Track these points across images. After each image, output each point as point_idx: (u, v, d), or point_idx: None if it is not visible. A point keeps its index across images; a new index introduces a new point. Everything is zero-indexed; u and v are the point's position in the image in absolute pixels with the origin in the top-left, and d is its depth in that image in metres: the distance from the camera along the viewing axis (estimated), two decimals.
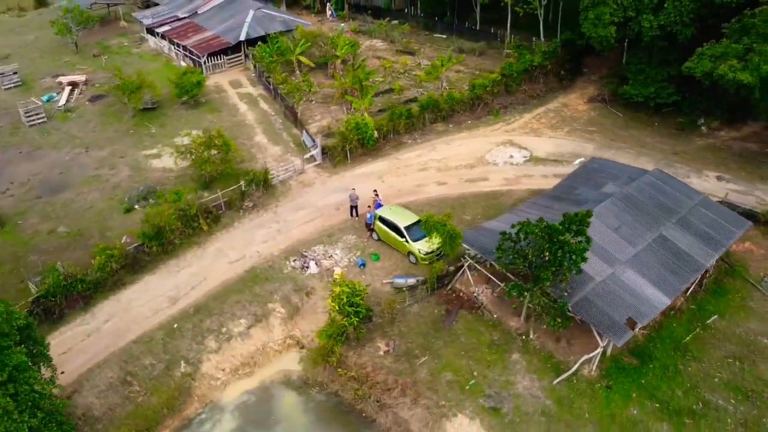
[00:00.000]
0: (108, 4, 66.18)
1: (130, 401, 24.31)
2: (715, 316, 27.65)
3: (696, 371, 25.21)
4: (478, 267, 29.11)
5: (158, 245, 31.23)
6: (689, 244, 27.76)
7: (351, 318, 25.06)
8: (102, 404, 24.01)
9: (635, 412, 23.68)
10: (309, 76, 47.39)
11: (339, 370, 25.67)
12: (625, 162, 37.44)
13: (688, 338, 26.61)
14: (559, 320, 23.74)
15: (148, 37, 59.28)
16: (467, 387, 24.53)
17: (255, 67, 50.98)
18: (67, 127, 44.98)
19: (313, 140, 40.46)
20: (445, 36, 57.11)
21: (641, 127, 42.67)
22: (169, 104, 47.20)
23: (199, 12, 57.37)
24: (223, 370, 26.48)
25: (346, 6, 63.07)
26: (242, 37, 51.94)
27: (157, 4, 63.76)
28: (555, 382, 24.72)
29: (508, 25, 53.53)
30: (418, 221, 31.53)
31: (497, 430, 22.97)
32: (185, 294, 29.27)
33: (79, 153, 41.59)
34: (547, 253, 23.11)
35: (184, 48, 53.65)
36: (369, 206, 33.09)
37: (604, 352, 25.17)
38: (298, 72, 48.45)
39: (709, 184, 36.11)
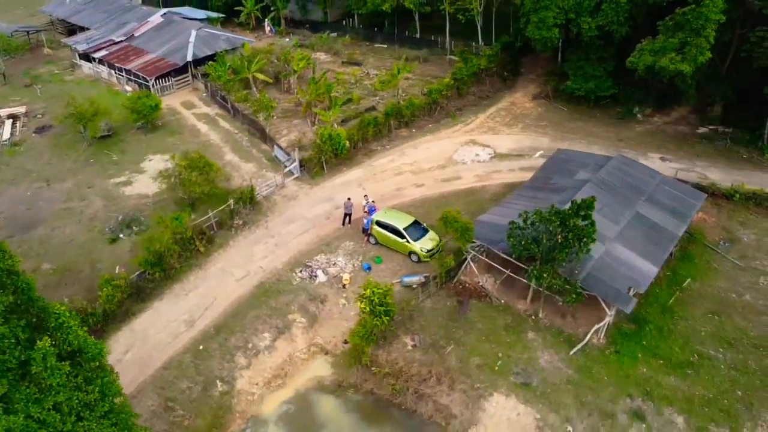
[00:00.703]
0: (28, 32, 62.97)
1: (177, 426, 24.28)
2: (689, 280, 31.18)
3: (685, 328, 28.46)
4: (480, 257, 31.16)
5: (161, 271, 30.98)
6: (661, 218, 31.26)
7: (382, 317, 26.31)
8: None
9: (644, 370, 26.49)
10: (265, 93, 47.90)
11: (373, 368, 26.83)
12: (580, 148, 41.23)
13: (671, 301, 29.89)
14: (575, 296, 26.20)
15: (82, 63, 57.17)
16: (496, 368, 26.45)
17: (207, 86, 50.71)
18: (19, 162, 42.96)
19: (288, 155, 41.15)
20: (386, 45, 59.23)
21: (585, 119, 46.64)
22: (124, 130, 46.12)
23: (135, 35, 56.09)
24: (257, 384, 26.87)
25: (283, 21, 63.72)
26: (189, 58, 51.51)
27: (83, 29, 61.42)
28: (571, 353, 27.14)
29: (447, 32, 56.44)
30: (415, 222, 33.35)
31: (532, 403, 25.00)
32: (200, 316, 29.30)
33: (41, 187, 39.94)
34: (560, 237, 25.50)
35: (127, 72, 52.38)
36: (365, 211, 34.33)
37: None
38: (254, 89, 48.78)
39: (655, 165, 40.10)
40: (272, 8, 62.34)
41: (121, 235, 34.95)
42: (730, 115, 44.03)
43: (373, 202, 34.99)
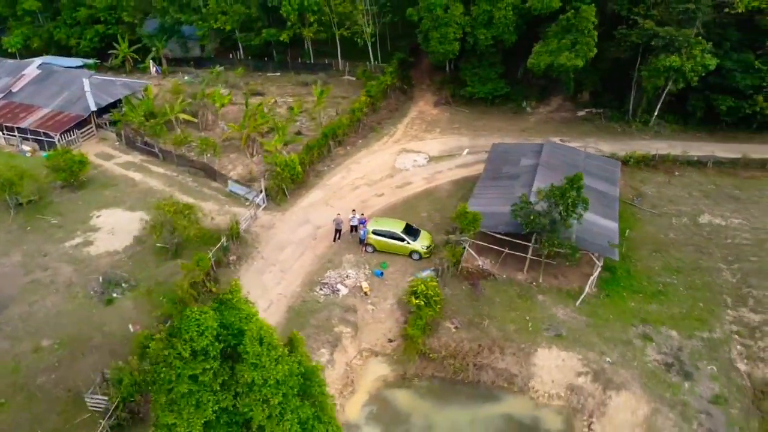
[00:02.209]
0: None
1: None
2: (628, 230, 38.74)
3: (643, 267, 35.67)
4: (473, 242, 35.67)
5: (178, 319, 30.75)
6: (601, 186, 38.42)
7: (434, 307, 29.57)
8: None
9: (632, 304, 33.04)
10: (188, 131, 47.74)
11: (432, 354, 29.94)
12: (497, 142, 47.78)
13: (624, 249, 37.08)
14: (577, 255, 31.87)
15: None
16: (530, 328, 31.14)
17: (120, 134, 48.71)
18: None
19: (248, 188, 41.96)
20: (279, 74, 61.15)
21: (488, 117, 53.49)
22: (46, 192, 42.82)
23: (14, 90, 51.46)
24: (333, 396, 28.44)
25: (164, 60, 62.32)
26: (93, 107, 48.97)
27: None
28: (577, 304, 32.80)
29: (339, 54, 60.19)
30: (407, 225, 36.86)
31: (570, 348, 30.04)
32: None
33: None
34: (562, 208, 30.93)
35: (21, 131, 48.20)
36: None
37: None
38: (178, 129, 48.15)
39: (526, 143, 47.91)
40: (153, 48, 60.72)
41: (114, 295, 33.52)
42: (597, 99, 53.78)
43: (362, 215, 37.74)
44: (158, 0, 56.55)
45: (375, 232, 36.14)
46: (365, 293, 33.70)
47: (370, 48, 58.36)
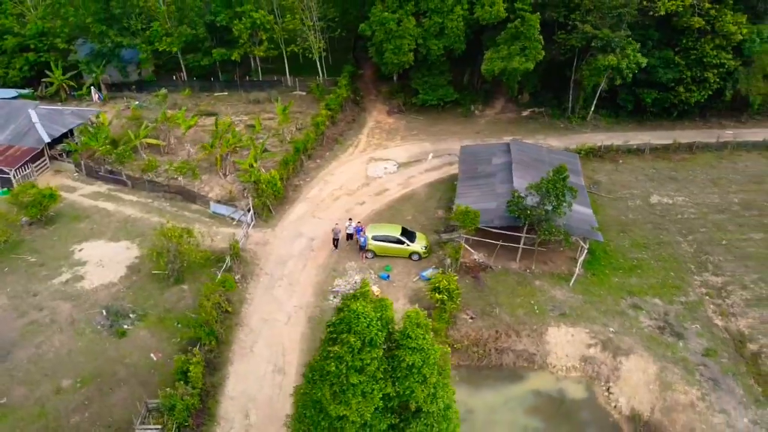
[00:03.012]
0: None
1: None
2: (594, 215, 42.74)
3: (616, 246, 39.63)
4: (467, 238, 38.15)
5: (215, 339, 30.95)
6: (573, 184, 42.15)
7: (456, 300, 31.66)
8: None
9: (616, 279, 36.82)
10: (155, 157, 46.96)
11: (456, 345, 31.96)
12: (456, 145, 50.88)
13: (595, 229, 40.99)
14: (570, 240, 35.13)
15: None
16: (536, 311, 33.95)
17: (80, 164, 46.92)
18: None
19: (234, 207, 42.07)
20: (226, 93, 60.94)
21: (441, 123, 56.42)
22: (13, 230, 40.61)
23: None
24: None
25: (103, 87, 60.13)
26: (47, 139, 46.82)
27: None
28: (571, 284, 36.08)
29: (287, 71, 61.00)
30: (404, 228, 38.71)
31: (576, 324, 33.11)
32: (284, 362, 30.57)
33: None
34: (553, 198, 34.02)
35: None
36: (365, 231, 38.25)
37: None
38: (143, 155, 47.15)
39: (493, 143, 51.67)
40: (91, 74, 58.44)
41: (125, 327, 32.84)
42: (537, 99, 58.27)
43: (359, 223, 39.15)
44: (96, 25, 54.76)
45: (375, 238, 37.67)
46: (377, 296, 35.07)
47: (318, 63, 59.61)
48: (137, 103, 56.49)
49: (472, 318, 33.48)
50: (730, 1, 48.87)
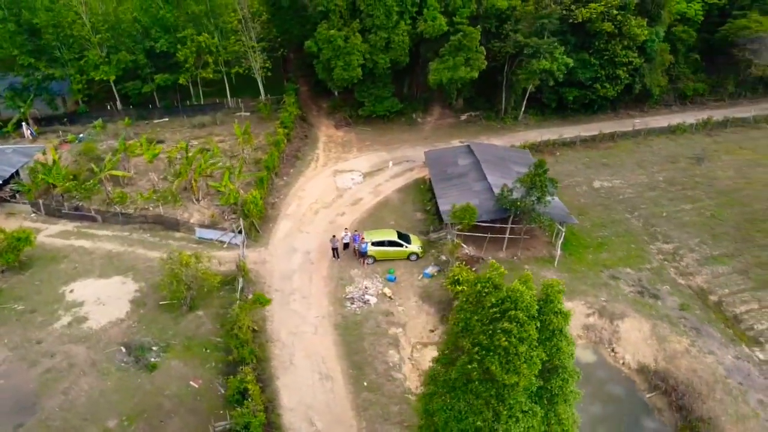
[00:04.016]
0: None
1: None
2: None
3: (579, 228, 44.45)
4: (458, 234, 41.27)
5: (255, 358, 31.52)
6: (527, 170, 46.62)
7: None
8: None
9: (590, 256, 41.63)
10: (120, 189, 45.70)
11: None
12: (411, 151, 54.23)
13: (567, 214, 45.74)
14: (554, 226, 39.31)
15: None
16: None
17: (38, 204, 44.42)
18: None
19: (222, 230, 42.13)
20: (167, 119, 59.72)
21: (390, 132, 59.29)
22: None
23: None
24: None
25: (31, 122, 56.45)
26: None
27: None
28: (555, 265, 40.31)
29: (228, 92, 60.99)
30: (398, 232, 41.04)
31: (573, 297, 37.07)
32: (329, 369, 31.78)
33: None
34: (537, 190, 38.00)
35: None
36: (362, 238, 39.98)
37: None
38: (108, 188, 45.57)
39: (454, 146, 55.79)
40: (18, 109, 54.79)
41: (152, 359, 32.40)
42: (471, 104, 62.88)
43: (356, 231, 40.91)
44: (23, 57, 51.80)
45: (374, 244, 39.67)
46: (390, 298, 37.24)
47: (259, 82, 60.26)
48: (81, 135, 53.94)
49: None
50: (632, 8, 56.14)
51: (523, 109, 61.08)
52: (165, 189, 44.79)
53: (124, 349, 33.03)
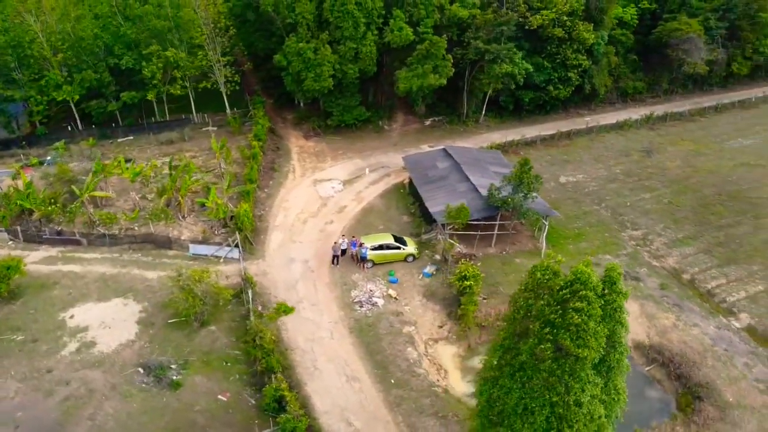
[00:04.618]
0: None
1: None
2: None
3: (556, 221, 47.43)
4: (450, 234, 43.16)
5: (280, 367, 32.02)
6: (502, 169, 49.24)
7: (479, 284, 36.42)
8: None
9: (571, 247, 44.56)
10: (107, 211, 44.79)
11: (484, 322, 36.74)
12: (384, 158, 55.87)
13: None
14: (541, 220, 41.89)
15: None
16: None
17: (15, 231, 42.73)
18: None
19: (218, 245, 42.09)
20: (132, 137, 58.42)
21: (360, 140, 60.52)
22: None
23: None
24: (439, 380, 33.38)
25: None
26: None
27: None
28: (542, 257, 42.88)
29: (193, 108, 60.44)
30: (394, 235, 42.46)
31: None
32: (354, 370, 32.72)
33: None
34: (524, 187, 40.44)
35: None
36: (361, 243, 41.02)
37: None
38: (90, 209, 44.40)
39: (429, 150, 57.85)
40: None
41: (174, 377, 32.28)
42: (432, 109, 65.11)
43: (353, 237, 41.95)
44: None
45: (374, 248, 40.89)
46: (395, 298, 38.58)
47: (224, 97, 60.13)
48: (48, 158, 52.02)
49: (484, 298, 38.47)
50: (579, 14, 60.18)
51: (483, 112, 63.90)
52: (156, 207, 44.08)
53: (142, 370, 32.69)
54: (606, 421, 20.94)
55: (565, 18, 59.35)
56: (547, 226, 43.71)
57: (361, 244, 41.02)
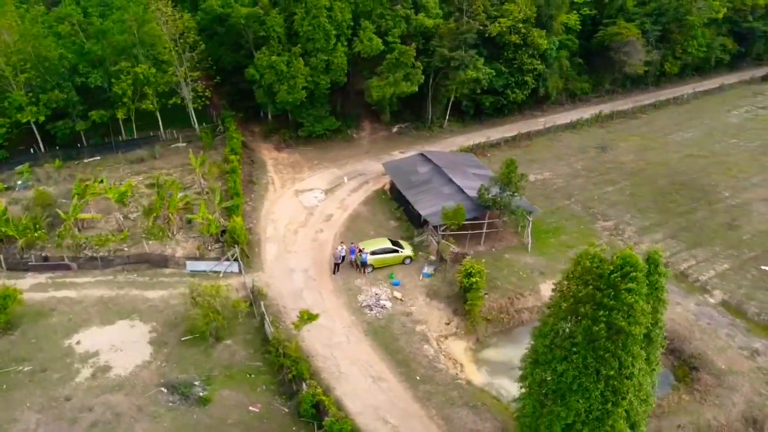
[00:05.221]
0: None
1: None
2: None
3: (534, 216, 50.29)
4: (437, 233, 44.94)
5: (308, 373, 32.68)
6: (479, 171, 51.66)
7: (484, 280, 38.32)
8: None
9: (552, 240, 47.36)
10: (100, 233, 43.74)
11: (488, 316, 38.68)
12: (360, 166, 57.18)
13: None
14: (525, 216, 44.38)
15: None
16: (523, 275, 42.43)
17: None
18: None
19: (217, 261, 42.02)
20: (98, 157, 56.77)
21: (331, 149, 61.30)
22: None
23: None
24: (460, 373, 34.95)
25: None
26: None
27: None
28: (529, 251, 45.42)
29: (161, 124, 59.45)
30: (390, 239, 43.79)
31: (552, 276, 42.08)
32: (378, 371, 33.79)
33: None
34: (512, 187, 42.78)
35: None
36: (360, 249, 42.00)
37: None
38: (76, 231, 43.21)
39: (403, 156, 59.58)
40: None
41: (200, 394, 32.28)
42: (397, 117, 66.82)
43: (352, 243, 42.92)
44: None
45: (373, 253, 42.05)
46: (401, 300, 39.91)
47: (192, 112, 59.59)
48: (19, 183, 49.85)
49: (486, 293, 40.40)
50: (532, 21, 63.72)
51: (447, 117, 66.31)
52: (153, 225, 43.41)
53: (165, 390, 32.49)
54: (650, 389, 23.18)
55: (521, 25, 62.63)
56: (530, 223, 46.22)
57: (360, 250, 42.07)
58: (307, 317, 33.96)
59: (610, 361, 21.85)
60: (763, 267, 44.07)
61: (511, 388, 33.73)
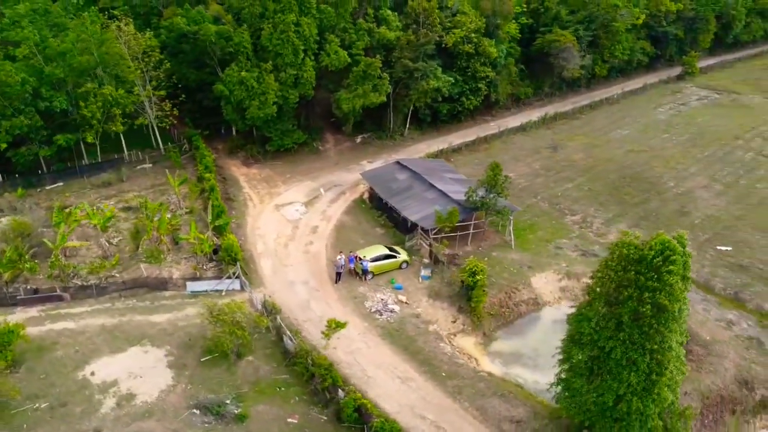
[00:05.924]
0: None
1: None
2: None
3: (518, 213, 53.26)
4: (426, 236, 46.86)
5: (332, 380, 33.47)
6: (454, 175, 54.11)
7: (486, 279, 40.50)
8: None
9: (531, 236, 50.38)
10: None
11: (491, 312, 40.89)
12: (333, 177, 58.27)
13: None
14: (508, 215, 47.11)
15: None
16: (514, 271, 45.02)
17: None
18: None
19: (218, 279, 41.79)
20: (62, 183, 54.47)
21: (300, 162, 61.88)
22: None
23: None
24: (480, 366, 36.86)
25: None
26: None
27: None
28: (513, 248, 48.17)
29: (125, 146, 57.84)
30: (386, 246, 45.18)
31: (540, 270, 45.26)
32: (404, 371, 35.09)
33: None
34: (497, 189, 45.36)
35: None
36: (360, 258, 43.04)
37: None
38: (62, 258, 41.62)
39: (371, 165, 61.11)
40: None
41: (236, 411, 32.37)
42: (359, 127, 68.21)
43: (351, 252, 43.91)
44: None
45: (373, 260, 43.30)
46: (406, 303, 41.41)
47: (154, 132, 58.47)
48: None
49: (485, 290, 42.59)
50: (482, 31, 67.21)
51: (407, 125, 68.51)
52: (154, 247, 42.45)
53: (197, 411, 32.28)
54: (683, 359, 26.05)
55: (473, 35, 65.92)
56: (512, 221, 49.03)
57: (360, 258, 43.20)
58: (335, 325, 34.68)
59: (654, 336, 24.45)
60: (718, 247, 49.06)
61: (527, 376, 36.51)
